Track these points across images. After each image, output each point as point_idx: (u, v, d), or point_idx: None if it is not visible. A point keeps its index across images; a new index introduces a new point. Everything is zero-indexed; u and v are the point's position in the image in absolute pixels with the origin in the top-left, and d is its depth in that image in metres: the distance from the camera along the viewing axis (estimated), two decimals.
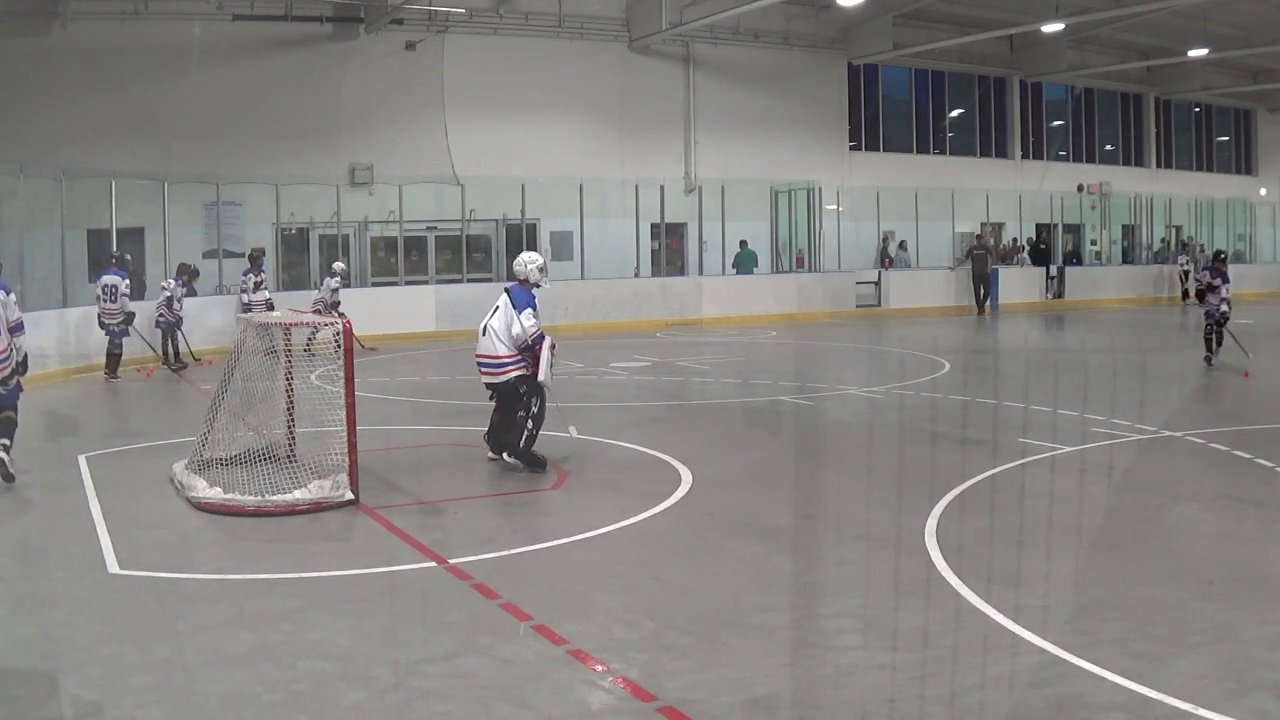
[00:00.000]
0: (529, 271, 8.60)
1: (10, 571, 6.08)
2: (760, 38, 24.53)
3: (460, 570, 5.90)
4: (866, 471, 8.67)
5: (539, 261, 8.70)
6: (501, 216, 21.78)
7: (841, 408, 11.86)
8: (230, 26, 19.57)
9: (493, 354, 8.42)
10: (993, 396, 12.16)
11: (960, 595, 5.35)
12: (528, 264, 8.66)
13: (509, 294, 8.50)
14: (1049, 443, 9.08)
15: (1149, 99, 31.64)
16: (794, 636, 4.96)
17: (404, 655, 4.78)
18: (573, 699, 4.34)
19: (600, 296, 21.31)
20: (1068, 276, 26.72)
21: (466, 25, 21.60)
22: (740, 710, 4.22)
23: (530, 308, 8.39)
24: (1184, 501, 7.48)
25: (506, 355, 8.37)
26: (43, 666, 4.71)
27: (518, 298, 8.43)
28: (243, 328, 8.72)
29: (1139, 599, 5.32)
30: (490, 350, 8.42)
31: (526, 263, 8.67)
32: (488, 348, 8.44)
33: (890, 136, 27.40)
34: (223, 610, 5.33)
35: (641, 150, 23.30)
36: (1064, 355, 17.54)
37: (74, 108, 17.91)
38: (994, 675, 4.48)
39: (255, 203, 19.57)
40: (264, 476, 7.53)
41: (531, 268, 8.62)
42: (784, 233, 25.08)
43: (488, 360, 8.45)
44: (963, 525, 6.65)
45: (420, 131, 21.12)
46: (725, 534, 6.69)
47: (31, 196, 15.69)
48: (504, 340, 8.37)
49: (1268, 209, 33.05)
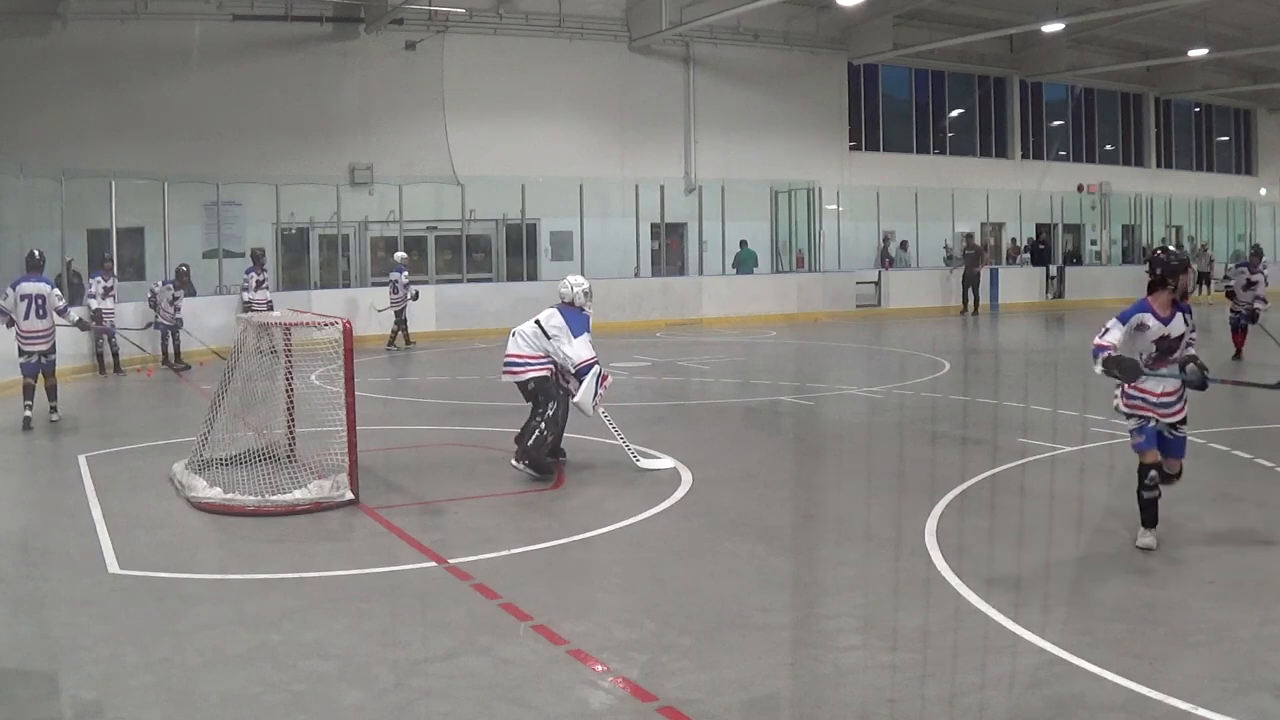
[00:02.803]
0: (575, 294, 8.44)
1: (10, 571, 6.08)
2: (760, 38, 24.53)
3: (460, 570, 5.90)
4: (866, 471, 8.67)
5: (585, 286, 8.52)
6: (501, 216, 21.78)
7: (841, 408, 11.86)
8: (230, 26, 19.57)
9: (516, 353, 8.31)
10: (993, 396, 12.15)
11: (960, 595, 5.35)
12: (575, 287, 8.47)
13: (561, 314, 8.32)
14: (1049, 442, 9.08)
15: (1149, 99, 31.64)
16: (794, 636, 4.96)
17: (404, 655, 4.78)
18: (573, 699, 4.34)
19: (600, 296, 20.82)
20: (1067, 276, 26.71)
21: (466, 25, 21.60)
22: (740, 710, 4.22)
23: (587, 333, 8.26)
24: (1184, 501, 7.48)
25: (529, 355, 8.26)
26: (43, 666, 4.71)
27: (573, 321, 8.27)
28: (243, 328, 8.72)
29: (1139, 599, 5.32)
30: (515, 350, 8.33)
31: (574, 285, 8.48)
32: (512, 347, 8.36)
33: (890, 136, 27.40)
34: (223, 610, 5.33)
35: (641, 150, 23.30)
36: (1064, 355, 17.53)
37: (74, 108, 17.92)
38: (994, 675, 4.48)
39: (255, 203, 19.57)
40: (264, 476, 7.53)
41: (578, 291, 8.45)
42: (784, 233, 25.08)
43: (510, 359, 8.35)
44: (963, 525, 6.65)
45: (420, 131, 21.13)
46: (725, 534, 6.69)
47: (31, 196, 15.71)
48: (529, 342, 8.27)
49: (1268, 209, 33.05)
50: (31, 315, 10.79)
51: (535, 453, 8.15)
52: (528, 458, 8.15)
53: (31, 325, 10.79)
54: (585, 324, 8.33)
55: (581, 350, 8.21)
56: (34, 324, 10.79)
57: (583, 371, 8.18)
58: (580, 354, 8.20)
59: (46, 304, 10.87)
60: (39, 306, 10.82)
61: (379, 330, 17.82)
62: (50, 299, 10.92)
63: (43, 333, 10.87)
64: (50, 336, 10.94)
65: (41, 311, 10.82)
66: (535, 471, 8.13)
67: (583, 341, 8.22)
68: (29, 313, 10.78)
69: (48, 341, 10.91)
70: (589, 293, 8.54)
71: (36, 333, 10.82)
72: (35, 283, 10.91)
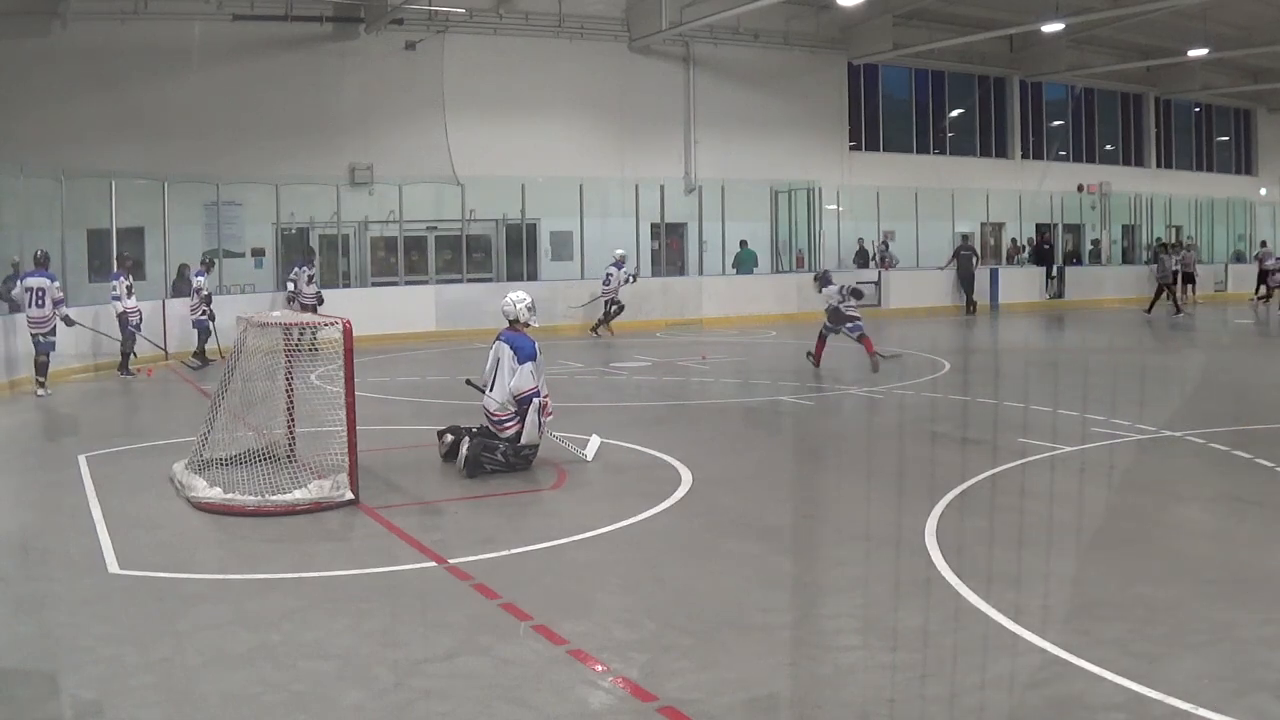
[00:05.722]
0: (518, 311, 8.41)
1: (10, 571, 6.08)
2: (760, 38, 24.52)
3: (460, 570, 5.90)
4: (866, 471, 8.67)
5: (528, 300, 8.47)
6: (501, 216, 21.78)
7: (841, 408, 11.86)
8: (230, 26, 19.56)
9: (491, 412, 8.33)
10: (993, 396, 12.15)
11: (960, 595, 5.35)
12: (517, 304, 8.43)
13: (509, 344, 8.28)
14: (1049, 443, 9.08)
15: (1149, 99, 31.63)
16: (794, 636, 4.96)
17: (404, 655, 4.78)
18: (573, 699, 4.34)
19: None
20: (1067, 276, 26.71)
21: (466, 25, 21.59)
22: (740, 710, 4.22)
23: (532, 361, 8.20)
24: (1184, 501, 7.48)
25: (504, 414, 8.23)
26: (43, 666, 4.71)
27: (520, 348, 8.24)
28: (243, 328, 8.72)
29: (1139, 599, 5.32)
30: (490, 407, 8.34)
31: (516, 303, 8.43)
32: (488, 403, 8.36)
33: (890, 136, 27.38)
34: (223, 610, 5.33)
35: (641, 150, 23.29)
36: (1064, 355, 17.54)
37: (74, 108, 17.90)
38: (994, 675, 4.48)
39: (255, 202, 19.56)
40: (264, 476, 7.53)
41: (520, 307, 8.41)
42: (784, 233, 25.08)
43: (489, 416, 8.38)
44: (963, 525, 6.65)
45: (420, 131, 21.11)
46: (725, 534, 6.69)
47: (31, 196, 15.69)
48: (497, 398, 8.24)
49: (1268, 209, 33.04)
50: (33, 305, 12.73)
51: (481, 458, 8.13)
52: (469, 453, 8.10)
53: (33, 313, 12.75)
54: (532, 351, 8.25)
55: (521, 382, 8.17)
56: (34, 312, 12.75)
57: (524, 402, 8.15)
58: (520, 385, 8.17)
59: (46, 296, 12.74)
60: (39, 297, 12.73)
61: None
62: (50, 291, 12.76)
63: (39, 319, 12.75)
64: (48, 323, 12.78)
65: (40, 302, 12.72)
66: (467, 469, 8.12)
67: (524, 370, 8.16)
68: (31, 302, 12.72)
69: (46, 326, 12.76)
70: (532, 306, 8.50)
71: (35, 319, 12.76)
72: (38, 277, 12.84)
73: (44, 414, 12.05)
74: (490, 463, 8.17)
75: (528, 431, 8.20)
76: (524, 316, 8.45)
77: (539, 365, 8.32)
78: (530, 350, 8.27)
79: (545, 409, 8.32)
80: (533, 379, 8.21)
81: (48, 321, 12.75)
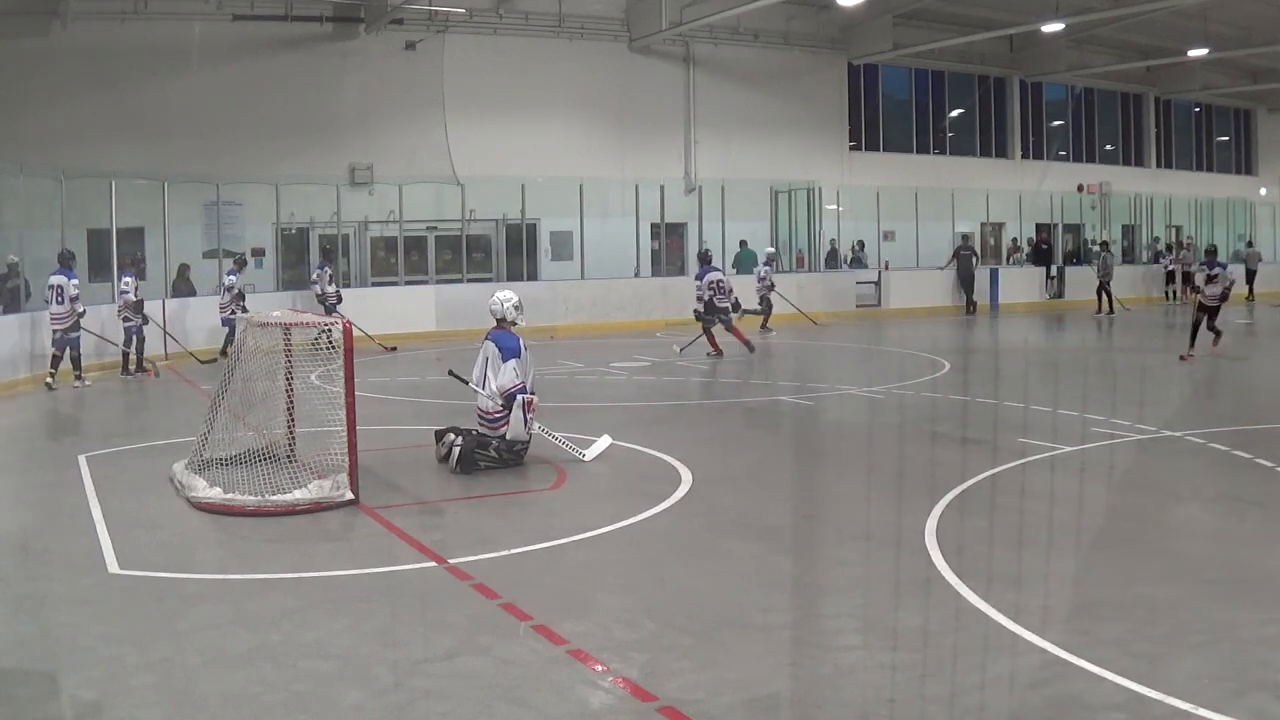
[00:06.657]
0: (506, 310, 8.55)
1: (10, 571, 6.09)
2: (760, 38, 24.52)
3: (460, 570, 5.90)
4: (866, 471, 8.66)
5: (515, 300, 8.61)
6: (501, 216, 21.77)
7: (841, 408, 11.86)
8: (230, 26, 19.56)
9: (483, 410, 8.44)
10: (993, 396, 12.15)
11: (960, 595, 5.35)
12: (504, 303, 8.56)
13: (495, 342, 8.41)
14: (1049, 443, 9.07)
15: (1149, 99, 31.63)
16: (794, 636, 4.96)
17: (404, 655, 4.78)
18: (573, 699, 4.34)
19: (600, 296, 21.30)
20: (1067, 276, 26.70)
21: (466, 25, 21.58)
22: (740, 710, 4.22)
23: (516, 358, 8.33)
24: (1184, 501, 7.48)
25: (494, 411, 8.34)
26: (43, 666, 4.71)
27: (505, 345, 8.37)
28: (243, 328, 8.72)
29: (1139, 599, 5.32)
30: (482, 406, 8.44)
31: (503, 302, 8.58)
32: (481, 402, 8.45)
33: (890, 136, 27.38)
34: (223, 610, 5.33)
35: (641, 150, 23.28)
36: (1063, 355, 17.53)
37: (74, 108, 17.90)
38: (994, 675, 4.48)
39: (255, 202, 19.55)
40: (264, 476, 7.53)
41: (508, 307, 8.55)
42: (784, 233, 25.07)
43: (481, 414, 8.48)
44: (963, 525, 6.65)
45: (420, 131, 21.11)
46: (725, 534, 6.69)
47: (31, 196, 15.67)
48: (489, 395, 8.35)
49: (1268, 209, 33.03)
50: (53, 302, 13.52)
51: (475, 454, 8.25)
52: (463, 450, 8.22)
53: (54, 309, 13.53)
54: (516, 348, 8.39)
55: (505, 378, 8.28)
56: (55, 309, 13.53)
57: (509, 398, 8.25)
58: (504, 381, 8.28)
59: (64, 293, 13.47)
60: (58, 294, 13.48)
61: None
62: (67, 289, 13.46)
63: (60, 315, 13.47)
64: (67, 319, 13.48)
65: (60, 298, 13.48)
66: (460, 466, 8.20)
67: (508, 367, 8.28)
68: (51, 299, 13.51)
69: (65, 322, 13.46)
70: (519, 306, 8.64)
71: (56, 315, 13.50)
72: (58, 275, 13.58)
73: (44, 414, 12.07)
74: (484, 459, 8.30)
75: (513, 428, 8.32)
76: (511, 315, 8.60)
77: (523, 361, 8.44)
78: (514, 347, 8.42)
79: (530, 405, 8.39)
80: (516, 375, 8.32)
81: (68, 317, 13.42)
